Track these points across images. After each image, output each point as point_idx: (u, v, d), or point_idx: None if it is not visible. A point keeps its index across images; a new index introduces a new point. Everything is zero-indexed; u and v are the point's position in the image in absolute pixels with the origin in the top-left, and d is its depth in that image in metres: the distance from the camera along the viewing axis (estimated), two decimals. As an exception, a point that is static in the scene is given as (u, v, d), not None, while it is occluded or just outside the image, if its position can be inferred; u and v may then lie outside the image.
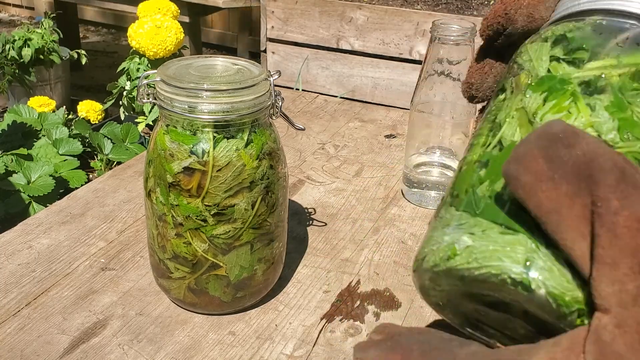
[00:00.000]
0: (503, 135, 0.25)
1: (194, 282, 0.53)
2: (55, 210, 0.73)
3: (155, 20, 1.70)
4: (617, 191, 0.19)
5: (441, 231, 0.25)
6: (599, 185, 0.19)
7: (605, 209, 0.19)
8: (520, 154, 0.21)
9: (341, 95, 1.25)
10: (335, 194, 0.80)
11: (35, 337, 0.53)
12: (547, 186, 0.20)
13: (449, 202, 0.26)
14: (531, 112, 0.25)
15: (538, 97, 0.25)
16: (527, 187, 0.21)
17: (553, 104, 0.24)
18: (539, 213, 0.20)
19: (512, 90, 0.27)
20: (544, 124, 0.22)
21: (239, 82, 0.48)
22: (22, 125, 1.83)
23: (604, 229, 0.19)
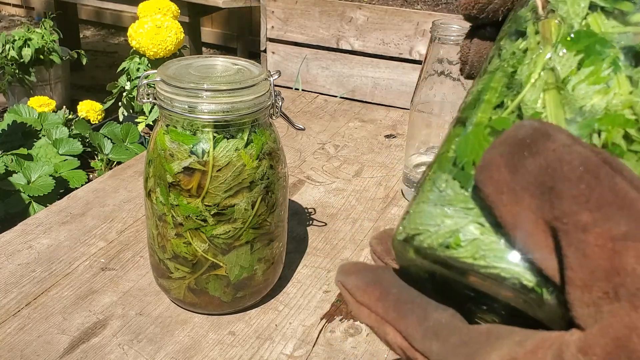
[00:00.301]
0: (524, 99, 0.22)
1: (194, 282, 0.53)
2: (55, 210, 0.73)
3: (155, 20, 1.70)
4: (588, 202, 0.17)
5: (441, 210, 0.22)
6: (562, 198, 0.17)
7: (572, 225, 0.17)
8: (485, 163, 0.19)
9: (341, 95, 1.25)
10: (335, 194, 0.80)
11: (35, 337, 0.53)
12: (509, 199, 0.18)
13: (453, 172, 0.22)
14: (562, 76, 0.21)
15: (572, 58, 0.21)
16: (489, 199, 0.19)
17: (589, 71, 0.21)
18: (505, 227, 0.19)
19: (539, 41, 0.23)
20: (514, 125, 0.19)
21: (239, 82, 0.48)
22: (22, 125, 1.83)
23: (572, 248, 0.17)
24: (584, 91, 0.21)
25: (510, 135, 0.19)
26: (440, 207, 0.22)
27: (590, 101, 0.21)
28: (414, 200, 0.23)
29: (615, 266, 0.16)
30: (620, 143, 0.20)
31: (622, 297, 0.16)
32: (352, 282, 0.24)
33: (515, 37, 0.24)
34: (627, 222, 0.16)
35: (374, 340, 0.55)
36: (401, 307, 0.22)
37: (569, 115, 0.21)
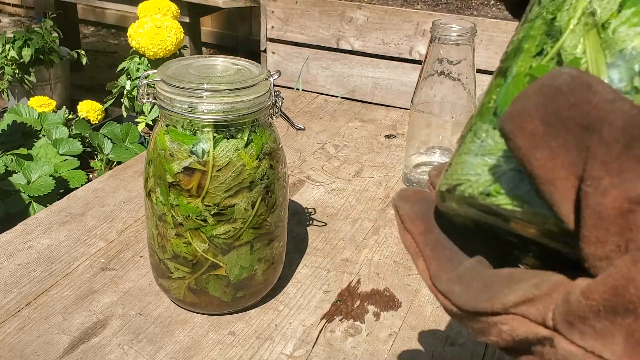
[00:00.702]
0: (563, 45, 0.21)
1: (194, 282, 0.54)
2: (55, 210, 0.73)
3: (155, 20, 1.70)
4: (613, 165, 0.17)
5: (482, 159, 0.22)
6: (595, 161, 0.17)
7: (593, 187, 0.17)
8: (516, 111, 0.18)
9: (341, 95, 1.25)
10: (335, 194, 0.80)
11: (35, 337, 0.53)
12: (543, 154, 0.18)
13: (493, 122, 0.22)
14: (602, 19, 0.21)
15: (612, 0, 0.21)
16: (521, 152, 0.18)
17: (631, 13, 0.20)
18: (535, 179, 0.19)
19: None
20: (550, 73, 0.18)
21: (239, 82, 0.48)
22: (22, 125, 1.83)
23: (589, 210, 0.17)
24: (625, 33, 0.20)
25: (546, 83, 0.18)
26: (480, 157, 0.22)
27: (631, 43, 0.20)
28: (456, 152, 0.24)
29: (629, 222, 0.17)
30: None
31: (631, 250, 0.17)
32: (405, 209, 0.25)
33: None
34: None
35: (374, 340, 0.55)
36: (437, 249, 0.23)
37: (610, 59, 0.20)
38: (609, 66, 0.20)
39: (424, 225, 0.24)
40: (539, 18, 0.23)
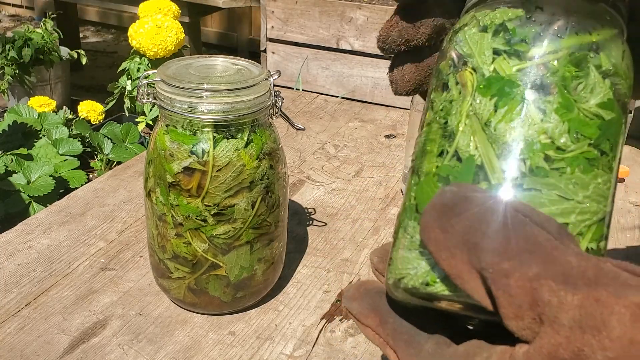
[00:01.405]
0: (458, 145, 0.25)
1: (194, 282, 0.53)
2: (55, 210, 0.73)
3: (155, 20, 1.70)
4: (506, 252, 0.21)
5: (415, 253, 0.25)
6: (485, 252, 0.21)
7: (496, 273, 0.21)
8: (423, 225, 0.23)
9: (342, 96, 1.25)
10: (335, 194, 0.80)
11: (35, 337, 0.53)
12: (445, 255, 0.22)
13: (417, 218, 0.26)
14: (484, 119, 0.25)
15: (488, 102, 0.25)
16: (433, 256, 0.23)
17: (505, 111, 0.25)
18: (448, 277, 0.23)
19: (459, 90, 0.27)
20: (438, 193, 0.23)
21: (238, 82, 0.48)
22: (22, 125, 1.83)
23: (500, 292, 0.21)
24: (504, 129, 0.25)
25: (436, 201, 0.23)
26: (414, 251, 0.26)
27: (510, 136, 0.24)
28: (393, 247, 0.27)
29: (535, 299, 0.20)
30: (543, 165, 0.24)
31: (545, 322, 0.20)
32: (355, 308, 0.28)
33: (441, 89, 0.28)
34: (537, 264, 0.20)
35: (374, 340, 0.55)
36: (398, 336, 0.26)
37: (498, 151, 0.24)
38: (498, 157, 0.24)
39: (379, 318, 0.27)
40: (434, 122, 0.28)
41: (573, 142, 0.24)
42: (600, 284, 0.20)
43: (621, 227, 0.75)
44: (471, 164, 0.25)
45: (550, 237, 0.21)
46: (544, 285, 0.20)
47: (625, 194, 0.84)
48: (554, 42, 0.25)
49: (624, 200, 0.82)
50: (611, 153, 0.25)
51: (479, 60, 0.26)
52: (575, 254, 0.21)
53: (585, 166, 0.24)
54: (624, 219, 0.77)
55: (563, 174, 0.24)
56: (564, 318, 0.19)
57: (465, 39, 0.27)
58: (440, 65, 0.29)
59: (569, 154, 0.24)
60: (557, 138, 0.24)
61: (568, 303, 0.19)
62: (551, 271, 0.20)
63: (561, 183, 0.24)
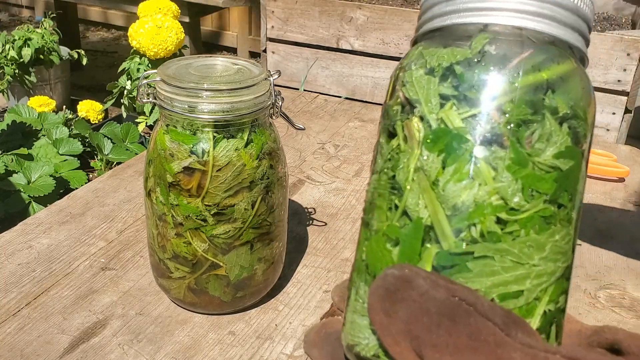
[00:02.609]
0: (407, 204, 0.24)
1: (194, 281, 0.53)
2: (55, 210, 0.73)
3: (155, 20, 1.70)
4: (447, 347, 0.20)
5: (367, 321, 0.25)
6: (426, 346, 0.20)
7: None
8: (369, 306, 0.23)
9: (345, 97, 1.25)
10: (335, 193, 0.80)
11: (35, 337, 0.53)
12: (390, 341, 0.22)
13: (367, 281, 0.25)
14: (432, 177, 0.24)
15: (436, 159, 0.24)
16: (380, 340, 0.22)
17: (453, 170, 0.23)
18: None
19: (405, 139, 0.25)
20: (381, 274, 0.22)
21: (239, 82, 0.48)
22: (22, 125, 1.83)
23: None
24: (453, 189, 0.23)
25: (379, 284, 0.22)
26: (365, 318, 0.25)
27: (460, 198, 0.23)
28: (346, 308, 0.27)
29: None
30: (494, 229, 0.22)
31: None
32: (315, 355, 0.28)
33: (389, 136, 0.26)
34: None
35: (374, 340, 0.55)
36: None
37: (448, 212, 0.23)
38: (449, 218, 0.23)
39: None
40: (382, 173, 0.26)
41: (527, 200, 0.23)
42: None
43: (621, 227, 0.75)
44: (419, 227, 0.23)
45: (495, 331, 0.20)
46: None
47: (625, 194, 0.84)
48: (505, 87, 0.23)
49: (624, 200, 0.82)
50: (570, 204, 0.24)
51: (426, 109, 0.24)
52: (520, 349, 0.20)
53: (540, 225, 0.23)
54: (624, 219, 0.77)
55: (517, 237, 0.23)
56: None
57: (412, 81, 0.26)
58: (388, 104, 0.27)
59: (523, 215, 0.23)
60: (509, 198, 0.23)
61: None
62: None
63: (515, 248, 0.22)
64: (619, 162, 0.90)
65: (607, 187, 0.85)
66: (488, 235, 0.22)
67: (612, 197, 0.83)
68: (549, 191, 0.23)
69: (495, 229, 0.22)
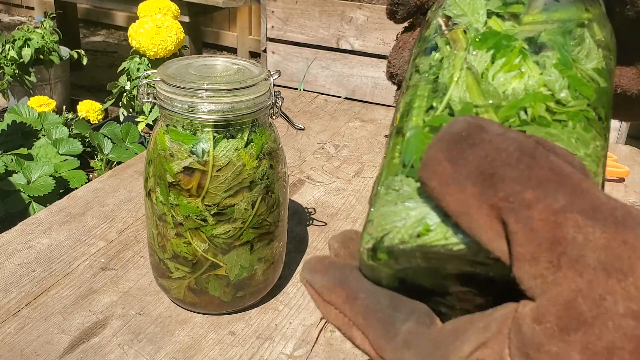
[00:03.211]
0: (451, 97, 0.24)
1: (194, 281, 0.53)
2: (55, 210, 0.73)
3: (155, 20, 1.70)
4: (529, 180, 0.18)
5: (403, 206, 0.22)
6: (505, 181, 0.19)
7: (518, 203, 0.18)
8: (427, 159, 0.20)
9: (345, 97, 1.25)
10: (335, 193, 0.80)
11: (35, 337, 0.53)
12: (453, 189, 0.20)
13: (404, 172, 0.23)
14: (479, 71, 0.24)
15: (484, 54, 0.24)
16: (435, 192, 0.20)
17: (503, 62, 0.24)
18: (452, 216, 0.20)
19: (451, 48, 0.25)
20: (449, 122, 0.21)
21: (239, 82, 0.48)
22: (22, 125, 1.83)
23: (520, 225, 0.18)
24: (503, 79, 0.23)
25: (446, 131, 0.20)
26: (401, 204, 0.22)
27: (510, 85, 0.23)
28: (371, 210, 0.24)
29: (558, 236, 0.18)
30: (545, 115, 0.23)
31: (564, 265, 0.17)
32: (319, 280, 0.24)
33: (428, 53, 0.26)
34: (564, 196, 0.18)
35: (374, 340, 0.55)
36: (369, 315, 0.22)
37: (496, 101, 0.23)
38: (497, 108, 0.23)
39: (346, 293, 0.23)
40: (422, 81, 0.26)
41: (573, 98, 0.23)
42: (628, 225, 0.17)
43: (621, 227, 0.75)
44: (469, 109, 0.23)
45: (575, 171, 0.19)
46: (570, 219, 0.18)
47: (625, 194, 0.84)
48: (552, 9, 0.25)
49: (624, 200, 0.82)
50: (606, 121, 0.25)
51: (472, 19, 0.25)
52: (602, 192, 0.18)
53: (585, 124, 0.23)
54: (624, 218, 0.77)
55: (565, 127, 0.23)
56: (590, 258, 0.17)
57: (455, 2, 0.26)
58: (424, 33, 0.27)
59: (570, 109, 0.23)
60: (557, 92, 0.23)
61: (595, 241, 0.17)
62: (579, 205, 0.18)
63: (564, 135, 0.22)
64: (619, 162, 0.90)
65: (607, 187, 0.86)
66: (539, 119, 0.23)
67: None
68: (591, 97, 0.24)
69: (545, 115, 0.23)
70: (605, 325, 0.17)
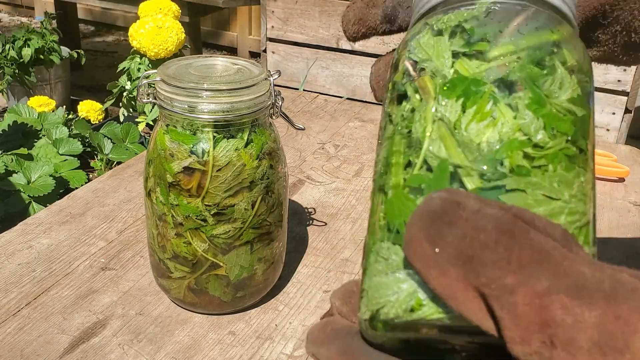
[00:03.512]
0: (427, 154, 0.23)
1: (194, 281, 0.54)
2: (55, 210, 0.73)
3: (156, 21, 1.70)
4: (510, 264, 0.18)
5: (394, 277, 0.22)
6: (485, 265, 0.18)
7: (500, 289, 0.18)
8: (408, 239, 0.20)
9: (346, 97, 1.25)
10: (335, 193, 0.80)
11: (35, 337, 0.53)
12: (436, 273, 0.19)
13: (390, 238, 0.23)
14: (452, 123, 0.23)
15: (455, 104, 0.23)
16: (421, 274, 0.20)
17: (474, 110, 0.23)
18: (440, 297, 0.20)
19: (420, 98, 0.24)
20: (425, 200, 0.20)
21: (239, 82, 0.48)
22: (22, 125, 1.83)
23: (504, 311, 0.18)
24: (475, 129, 0.23)
25: (423, 209, 0.20)
26: (391, 274, 0.22)
27: (484, 136, 0.22)
28: (365, 277, 0.24)
29: (546, 319, 0.17)
30: (523, 163, 0.22)
31: (558, 345, 0.17)
32: (324, 354, 0.24)
33: (398, 101, 0.26)
34: (547, 277, 0.18)
35: (374, 340, 0.55)
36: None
37: (470, 155, 0.22)
38: (472, 161, 0.22)
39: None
40: (396, 134, 0.25)
41: (550, 138, 0.22)
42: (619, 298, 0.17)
43: (621, 227, 0.75)
44: (445, 170, 0.22)
45: (557, 245, 0.18)
46: (556, 301, 0.17)
47: (625, 194, 0.84)
48: (517, 39, 0.24)
49: (624, 200, 0.82)
50: (588, 152, 0.24)
51: (438, 64, 0.24)
52: (587, 264, 0.18)
53: (566, 163, 0.23)
54: (624, 219, 0.77)
55: (545, 172, 0.22)
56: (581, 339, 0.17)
57: (420, 45, 0.25)
58: (393, 78, 0.27)
59: (548, 151, 0.22)
60: (533, 135, 0.22)
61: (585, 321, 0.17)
62: (563, 284, 0.17)
63: (545, 182, 0.22)
64: (619, 162, 0.90)
65: (607, 187, 0.85)
66: (517, 169, 0.22)
67: (612, 197, 0.83)
68: (569, 132, 0.23)
69: (524, 163, 0.22)
70: None
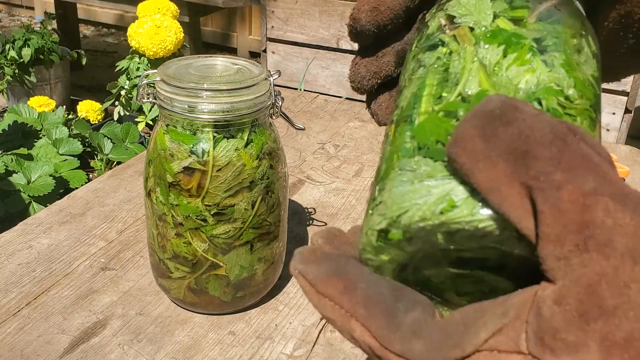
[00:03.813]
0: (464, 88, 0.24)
1: (194, 281, 0.53)
2: (55, 210, 0.73)
3: (155, 20, 1.70)
4: (560, 163, 0.18)
5: (421, 185, 0.21)
6: (537, 160, 0.18)
7: (548, 183, 0.18)
8: (459, 135, 0.20)
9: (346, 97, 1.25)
10: (335, 193, 0.80)
11: (35, 337, 0.53)
12: (484, 165, 0.19)
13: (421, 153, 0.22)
14: (491, 64, 0.24)
15: (496, 49, 0.24)
16: (464, 168, 0.20)
17: (515, 56, 0.24)
18: (482, 192, 0.20)
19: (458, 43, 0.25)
20: (482, 100, 0.20)
21: (239, 82, 0.48)
22: (22, 125, 1.83)
23: (547, 205, 0.18)
24: (515, 72, 0.24)
25: (480, 109, 0.20)
26: (419, 183, 0.21)
27: (522, 78, 0.23)
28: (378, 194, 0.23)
29: (586, 220, 0.18)
30: (558, 108, 0.23)
31: (591, 248, 0.17)
32: (312, 271, 0.23)
33: (433, 48, 0.26)
34: (594, 179, 0.18)
35: (374, 340, 0.55)
36: (371, 305, 0.21)
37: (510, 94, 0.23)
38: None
39: (344, 283, 0.22)
40: (429, 72, 0.25)
41: (579, 97, 0.24)
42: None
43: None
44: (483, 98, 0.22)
45: (604, 160, 0.19)
46: (600, 202, 0.18)
47: (625, 194, 0.84)
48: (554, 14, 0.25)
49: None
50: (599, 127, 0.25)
51: (480, 18, 0.25)
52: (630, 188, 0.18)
53: (589, 122, 0.24)
54: (624, 218, 0.77)
55: (574, 121, 0.23)
56: (618, 243, 0.17)
57: (460, 3, 0.26)
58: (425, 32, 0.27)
59: (577, 106, 0.23)
60: (565, 89, 0.23)
61: (625, 226, 0.17)
62: (609, 189, 0.18)
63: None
64: (619, 162, 0.90)
65: (607, 187, 0.85)
66: (552, 110, 0.23)
67: (612, 197, 0.83)
68: (591, 100, 0.24)
69: (558, 108, 0.23)
70: (625, 315, 0.17)
